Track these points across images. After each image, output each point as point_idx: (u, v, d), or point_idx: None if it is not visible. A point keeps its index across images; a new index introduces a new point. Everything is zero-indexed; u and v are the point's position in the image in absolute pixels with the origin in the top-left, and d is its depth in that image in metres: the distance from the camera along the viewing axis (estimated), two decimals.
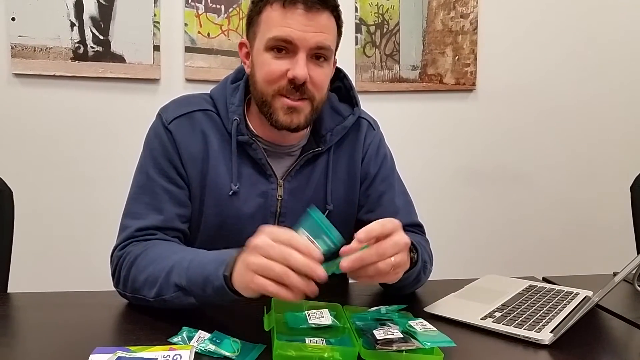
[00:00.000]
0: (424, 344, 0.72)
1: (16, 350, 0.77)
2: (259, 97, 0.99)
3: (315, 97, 0.97)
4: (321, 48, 0.95)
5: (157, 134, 1.03)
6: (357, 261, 0.75)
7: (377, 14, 2.17)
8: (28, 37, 1.89)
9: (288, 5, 0.93)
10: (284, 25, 0.93)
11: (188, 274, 0.82)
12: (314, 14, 0.93)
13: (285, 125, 0.97)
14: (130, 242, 0.96)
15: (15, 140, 1.94)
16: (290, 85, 0.94)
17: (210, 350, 0.73)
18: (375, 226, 0.76)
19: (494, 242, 2.34)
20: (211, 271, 0.79)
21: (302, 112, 0.97)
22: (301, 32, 0.93)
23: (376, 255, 0.75)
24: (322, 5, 0.94)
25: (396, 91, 2.22)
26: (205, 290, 0.80)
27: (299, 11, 0.93)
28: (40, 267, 1.91)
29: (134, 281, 0.90)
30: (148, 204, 0.99)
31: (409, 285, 0.96)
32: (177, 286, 0.84)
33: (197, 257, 0.85)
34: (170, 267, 0.85)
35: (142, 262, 0.90)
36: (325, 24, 0.96)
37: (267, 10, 0.95)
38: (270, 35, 0.94)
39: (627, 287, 1.09)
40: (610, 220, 2.26)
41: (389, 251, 0.76)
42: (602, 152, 2.38)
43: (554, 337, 0.79)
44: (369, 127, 1.13)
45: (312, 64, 0.95)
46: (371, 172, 1.11)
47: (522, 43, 2.29)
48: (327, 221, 0.78)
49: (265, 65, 0.95)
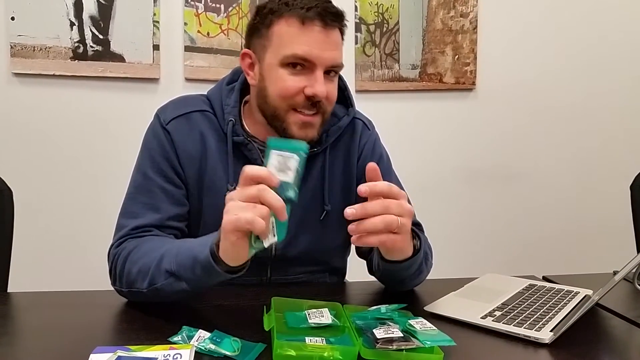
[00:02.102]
0: (424, 343, 0.72)
1: (16, 350, 0.77)
2: (270, 110, 0.99)
3: (327, 110, 0.99)
4: (336, 66, 0.97)
5: (155, 134, 1.03)
6: (360, 209, 0.75)
7: (377, 13, 2.17)
8: (28, 36, 1.89)
9: (307, 22, 0.93)
10: (303, 43, 0.93)
11: (177, 259, 0.83)
12: (330, 31, 0.95)
13: (301, 139, 0.98)
14: (126, 239, 0.96)
15: (15, 140, 1.94)
16: (308, 101, 0.95)
17: (211, 349, 0.73)
18: (382, 185, 0.77)
19: (493, 241, 2.34)
20: (198, 251, 0.80)
21: (315, 126, 0.99)
22: (319, 50, 0.94)
23: (381, 208, 0.75)
24: (337, 21, 0.96)
25: (396, 90, 2.22)
26: (195, 271, 0.80)
27: (316, 28, 0.94)
28: (40, 267, 1.91)
29: (129, 274, 0.90)
30: (145, 203, 0.99)
31: (411, 277, 0.96)
32: (168, 272, 0.84)
33: (186, 244, 0.86)
34: (161, 256, 0.86)
35: (135, 256, 0.91)
36: (338, 40, 0.98)
37: (281, 24, 0.95)
38: (289, 52, 0.94)
39: (627, 286, 1.09)
40: (610, 219, 2.26)
41: (394, 209, 0.76)
42: (602, 151, 2.39)
43: (554, 336, 0.79)
44: (364, 127, 1.13)
45: (326, 79, 0.97)
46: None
47: (521, 42, 2.29)
48: (286, 141, 0.77)
49: (281, 81, 0.96)
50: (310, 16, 0.93)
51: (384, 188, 0.77)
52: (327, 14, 0.94)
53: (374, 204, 0.76)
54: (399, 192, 0.78)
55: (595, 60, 2.34)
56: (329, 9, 0.94)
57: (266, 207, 0.72)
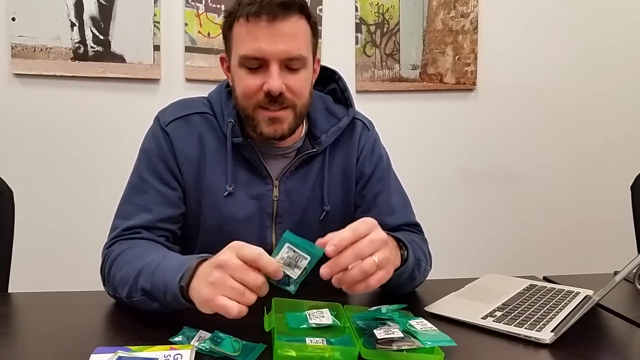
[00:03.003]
0: (425, 343, 0.72)
1: (16, 350, 0.77)
2: (241, 111, 1.00)
3: (296, 104, 0.97)
4: (292, 59, 0.94)
5: (154, 136, 1.04)
6: (335, 266, 0.74)
7: (377, 14, 2.17)
8: (28, 37, 1.89)
9: (252, 18, 0.91)
10: (251, 40, 0.92)
11: (152, 280, 0.82)
12: (280, 23, 0.91)
13: (270, 136, 0.98)
14: (117, 240, 0.97)
15: (16, 140, 1.94)
16: (268, 98, 0.94)
17: (211, 349, 0.73)
18: (346, 233, 0.75)
19: (494, 241, 2.34)
20: (170, 278, 0.79)
21: (285, 121, 0.97)
22: (269, 44, 0.91)
23: (353, 256, 0.74)
24: (286, 11, 0.92)
25: (396, 91, 2.21)
26: (166, 297, 0.80)
27: (263, 23, 0.91)
28: (40, 267, 1.91)
29: (113, 279, 0.91)
30: (138, 204, 1.00)
31: (404, 284, 0.96)
32: (143, 290, 0.84)
33: (164, 262, 0.84)
34: (139, 271, 0.85)
35: (120, 262, 0.91)
36: (293, 31, 0.93)
37: (236, 25, 0.95)
38: (241, 52, 0.94)
39: (627, 286, 1.09)
40: (610, 220, 2.26)
41: (366, 250, 0.75)
42: (602, 152, 2.38)
43: (555, 336, 0.79)
44: (363, 128, 1.13)
45: (287, 72, 0.95)
46: (366, 173, 1.10)
47: (522, 42, 2.29)
48: (302, 240, 0.75)
49: (242, 81, 0.96)
50: (255, 11, 0.90)
51: (349, 237, 0.75)
52: (272, 7, 0.90)
53: (345, 256, 0.74)
54: (366, 227, 0.77)
55: (596, 61, 2.34)
56: (274, 0, 0.90)
57: (254, 297, 0.71)
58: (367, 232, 0.76)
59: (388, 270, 0.80)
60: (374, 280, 0.77)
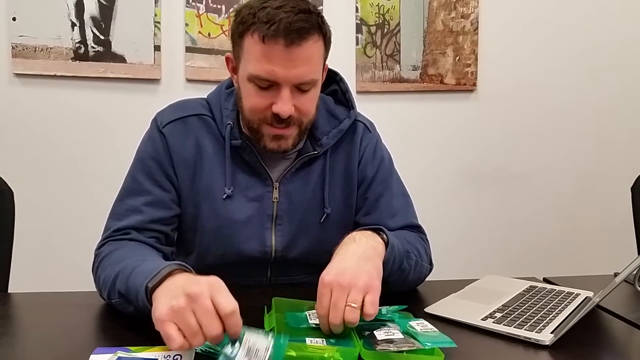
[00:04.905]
0: (425, 344, 0.72)
1: (16, 350, 0.77)
2: (246, 120, 0.99)
3: (302, 121, 0.97)
4: (304, 82, 0.93)
5: (151, 137, 1.04)
6: (323, 327, 0.76)
7: (377, 14, 2.17)
8: (29, 37, 1.89)
9: (268, 40, 0.88)
10: (265, 62, 0.89)
11: (128, 283, 0.81)
12: (296, 48, 0.88)
13: (274, 151, 0.98)
14: (107, 241, 0.97)
15: (16, 141, 1.94)
16: (275, 118, 0.94)
17: (211, 350, 0.72)
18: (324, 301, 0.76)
19: (494, 242, 2.33)
20: (140, 284, 0.76)
21: (290, 137, 0.98)
22: (283, 69, 0.89)
23: (335, 317, 0.75)
24: (303, 37, 0.89)
25: (397, 91, 2.21)
26: (138, 301, 0.77)
27: (279, 47, 0.88)
28: (40, 267, 1.91)
29: (98, 280, 0.92)
30: (130, 205, 1.00)
31: (395, 276, 0.93)
32: (119, 293, 0.83)
33: (140, 266, 0.81)
34: (117, 273, 0.85)
35: (104, 263, 0.91)
36: (308, 54, 0.91)
37: (248, 37, 0.91)
38: (252, 71, 0.91)
39: (627, 288, 1.08)
40: (611, 221, 2.26)
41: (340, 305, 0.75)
42: (602, 153, 2.38)
43: (555, 337, 0.79)
44: (365, 130, 1.12)
45: (297, 92, 0.93)
46: (368, 175, 1.10)
47: (523, 43, 2.29)
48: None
49: (250, 97, 0.95)
50: (272, 34, 0.87)
51: (326, 304, 0.76)
52: (290, 32, 0.87)
53: (331, 317, 0.75)
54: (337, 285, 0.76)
55: (597, 62, 2.34)
56: (293, 25, 0.87)
57: (203, 341, 0.66)
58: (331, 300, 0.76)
59: (374, 287, 0.78)
60: (368, 310, 0.76)
